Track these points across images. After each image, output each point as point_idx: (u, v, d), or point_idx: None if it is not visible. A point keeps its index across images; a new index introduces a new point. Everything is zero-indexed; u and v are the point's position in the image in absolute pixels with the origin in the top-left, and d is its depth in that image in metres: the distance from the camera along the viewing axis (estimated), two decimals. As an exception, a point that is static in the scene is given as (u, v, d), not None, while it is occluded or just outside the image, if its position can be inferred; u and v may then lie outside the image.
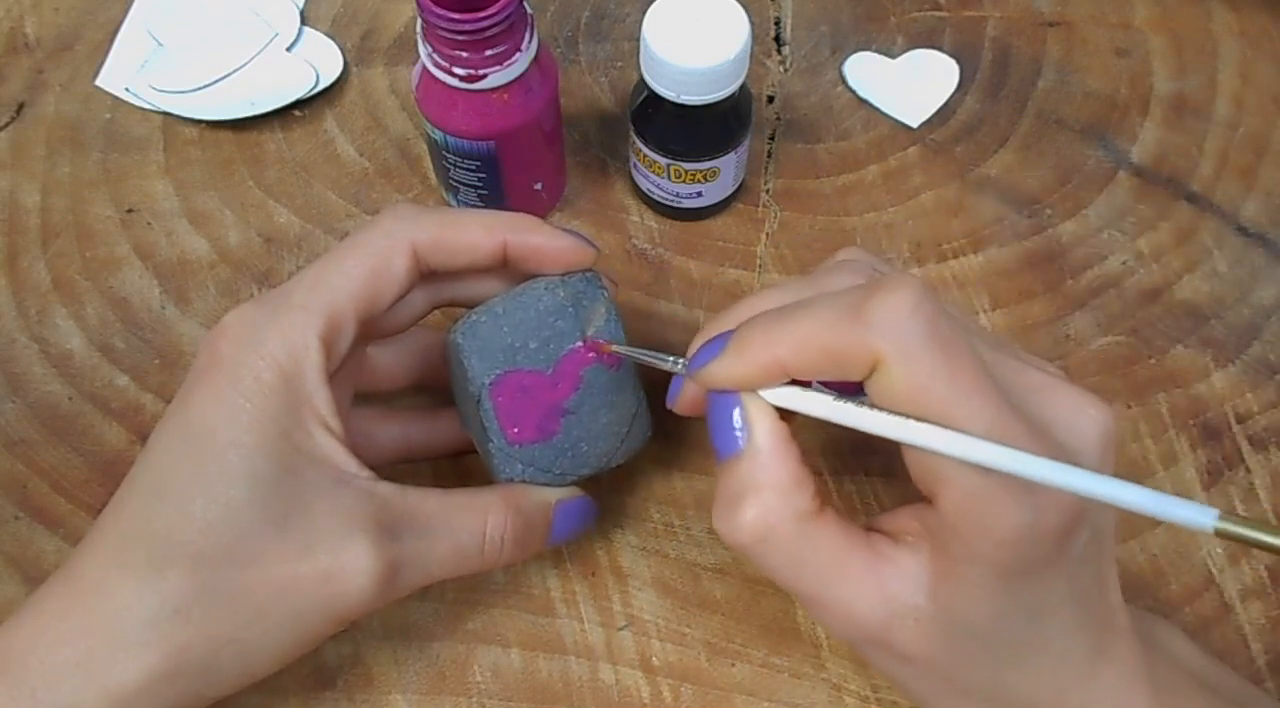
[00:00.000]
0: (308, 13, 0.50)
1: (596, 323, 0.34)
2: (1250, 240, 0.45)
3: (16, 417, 0.42)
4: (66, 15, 0.51)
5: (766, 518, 0.28)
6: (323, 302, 0.31)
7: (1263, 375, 0.42)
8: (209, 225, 0.45)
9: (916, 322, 0.25)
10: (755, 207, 0.46)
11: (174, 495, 0.30)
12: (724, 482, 0.29)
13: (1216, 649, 0.38)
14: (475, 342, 0.34)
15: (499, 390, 0.34)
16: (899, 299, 0.25)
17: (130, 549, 0.30)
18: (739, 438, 0.28)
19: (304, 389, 0.31)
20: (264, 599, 0.29)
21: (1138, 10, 0.50)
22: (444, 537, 0.32)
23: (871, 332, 0.25)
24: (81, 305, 0.44)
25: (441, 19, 0.36)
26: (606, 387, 0.34)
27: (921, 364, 0.25)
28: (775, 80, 0.49)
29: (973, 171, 0.47)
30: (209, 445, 0.30)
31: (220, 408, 0.30)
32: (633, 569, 0.39)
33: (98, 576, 0.30)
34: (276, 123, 0.48)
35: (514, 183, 0.42)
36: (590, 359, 0.34)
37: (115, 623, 0.29)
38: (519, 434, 0.34)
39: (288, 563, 0.29)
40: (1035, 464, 0.24)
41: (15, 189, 0.46)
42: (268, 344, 0.30)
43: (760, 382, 0.28)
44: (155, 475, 0.30)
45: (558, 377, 0.34)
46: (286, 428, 0.30)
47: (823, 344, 0.26)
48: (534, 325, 0.34)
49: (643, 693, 0.37)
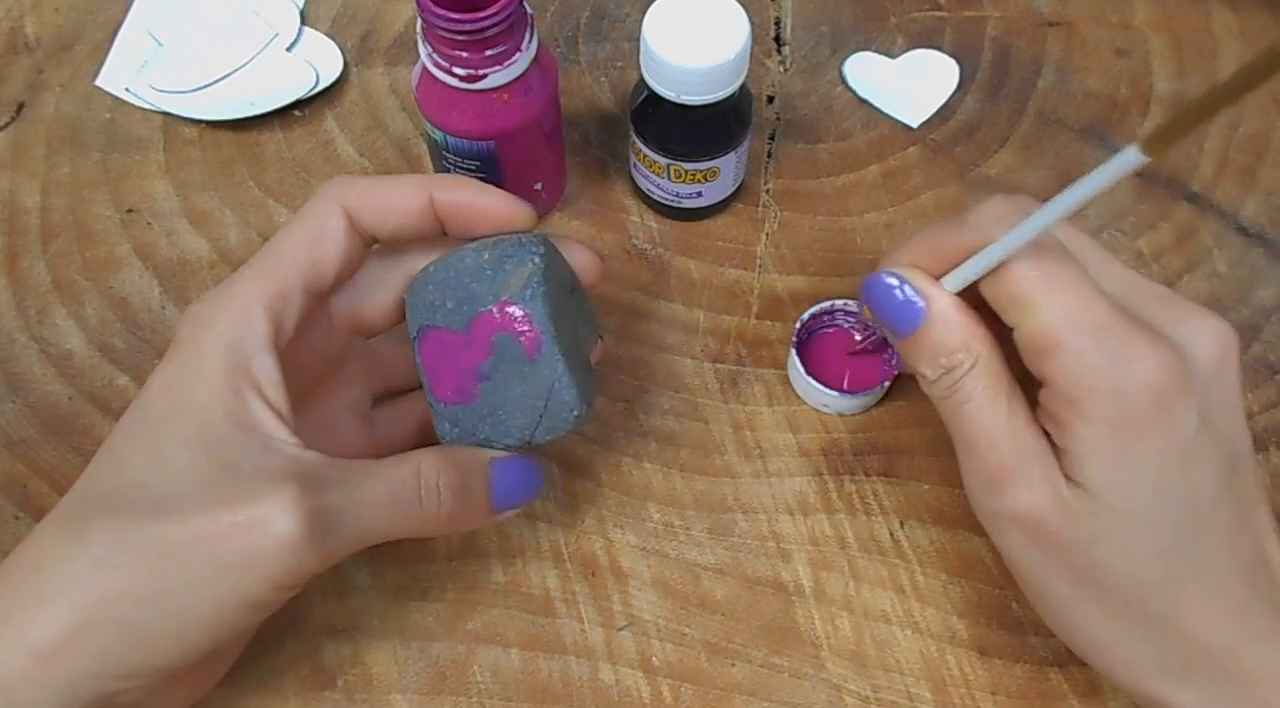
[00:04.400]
0: (308, 13, 0.50)
1: (514, 288, 0.33)
2: (1250, 240, 0.45)
3: (16, 417, 0.42)
4: (66, 15, 0.51)
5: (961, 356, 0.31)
6: (267, 274, 0.32)
7: (1263, 375, 0.42)
8: (209, 225, 0.45)
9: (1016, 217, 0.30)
10: (755, 207, 0.46)
11: (117, 459, 0.31)
12: (922, 346, 0.32)
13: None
14: (411, 297, 0.34)
15: (424, 346, 0.34)
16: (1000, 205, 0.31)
17: (69, 511, 0.31)
18: (919, 304, 0.32)
19: (244, 357, 0.31)
20: (186, 552, 0.29)
21: (1138, 10, 0.50)
22: (375, 486, 0.31)
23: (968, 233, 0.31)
24: (81, 305, 0.44)
25: (441, 19, 0.36)
26: (518, 357, 0.33)
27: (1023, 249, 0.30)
28: (775, 80, 0.49)
29: (973, 172, 0.47)
30: (152, 416, 0.31)
31: (168, 383, 0.31)
32: (633, 569, 0.39)
33: (35, 539, 0.30)
34: (276, 123, 0.48)
35: (514, 183, 0.42)
36: (502, 325, 0.33)
37: (37, 576, 0.29)
38: (442, 392, 0.34)
39: (210, 514, 0.29)
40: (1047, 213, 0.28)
41: (15, 189, 0.46)
42: (215, 319, 0.32)
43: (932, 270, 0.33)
44: (109, 451, 0.32)
45: (471, 339, 0.33)
46: (221, 395, 0.31)
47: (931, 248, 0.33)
48: (452, 285, 0.33)
49: (643, 693, 0.37)
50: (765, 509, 0.40)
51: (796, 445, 0.41)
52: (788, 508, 0.40)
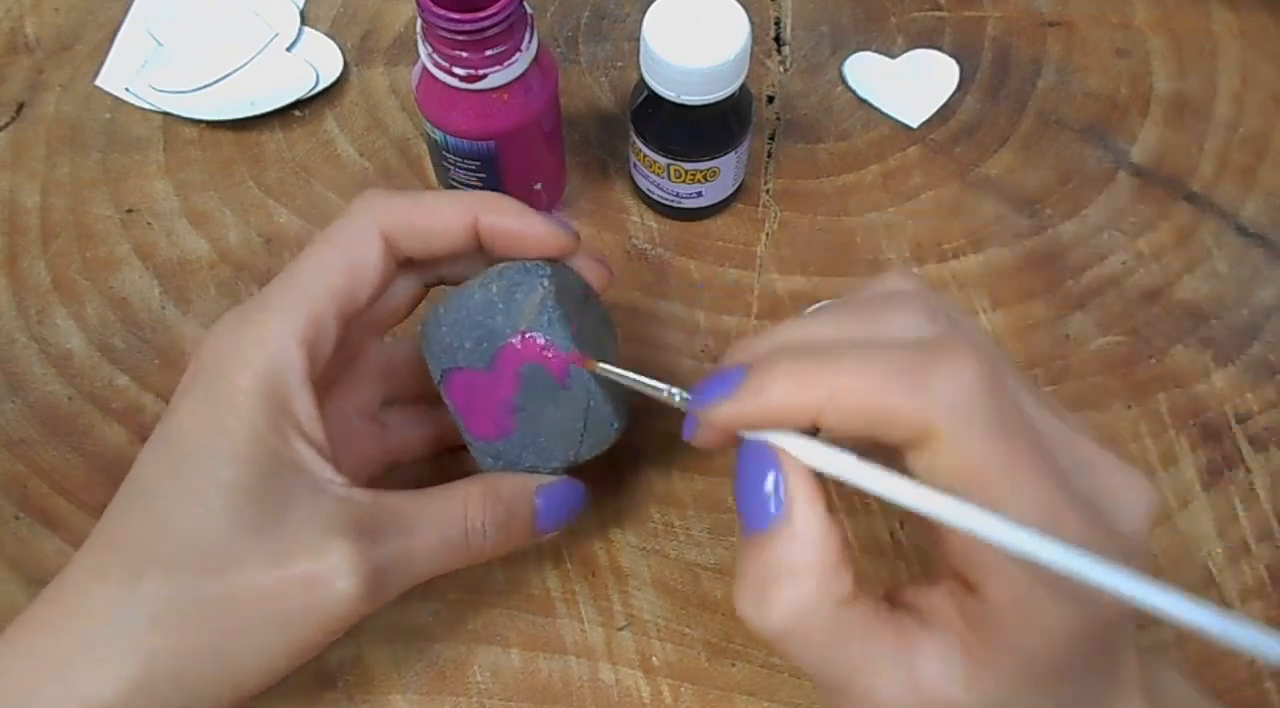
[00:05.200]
0: (308, 13, 0.50)
1: (529, 317, 0.32)
2: (1250, 240, 0.45)
3: (16, 417, 0.42)
4: (66, 15, 0.51)
5: (802, 607, 0.25)
6: (300, 304, 0.31)
7: (1263, 375, 0.42)
8: (209, 225, 0.45)
9: (981, 399, 0.23)
10: (755, 207, 0.46)
11: (153, 504, 0.30)
12: (753, 559, 0.26)
13: (1216, 649, 0.38)
14: (426, 341, 0.34)
15: (451, 389, 0.34)
16: (964, 371, 0.23)
17: (108, 558, 0.29)
18: (774, 510, 0.25)
19: (283, 395, 0.30)
20: (244, 607, 0.29)
21: (1138, 10, 0.50)
22: (426, 531, 0.31)
23: (930, 402, 0.23)
24: (81, 305, 0.44)
25: (441, 19, 0.36)
26: (548, 384, 0.33)
27: (979, 446, 0.23)
28: (775, 80, 0.49)
29: (973, 172, 0.47)
30: (187, 454, 0.29)
31: (200, 417, 0.30)
32: (633, 569, 0.39)
33: (77, 584, 0.29)
34: (276, 123, 0.48)
35: (514, 183, 0.42)
36: (526, 356, 0.33)
37: (91, 632, 0.28)
38: (480, 430, 0.34)
39: (267, 569, 0.29)
40: (1099, 570, 0.22)
41: (15, 189, 0.46)
42: (247, 352, 0.30)
43: (776, 426, 0.25)
44: (138, 486, 0.30)
45: (498, 375, 0.33)
46: (263, 435, 0.30)
47: (868, 402, 0.24)
48: (467, 324, 0.33)
49: (643, 693, 0.37)
50: (765, 509, 0.40)
51: (796, 445, 0.41)
52: (788, 508, 0.40)
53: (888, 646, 0.25)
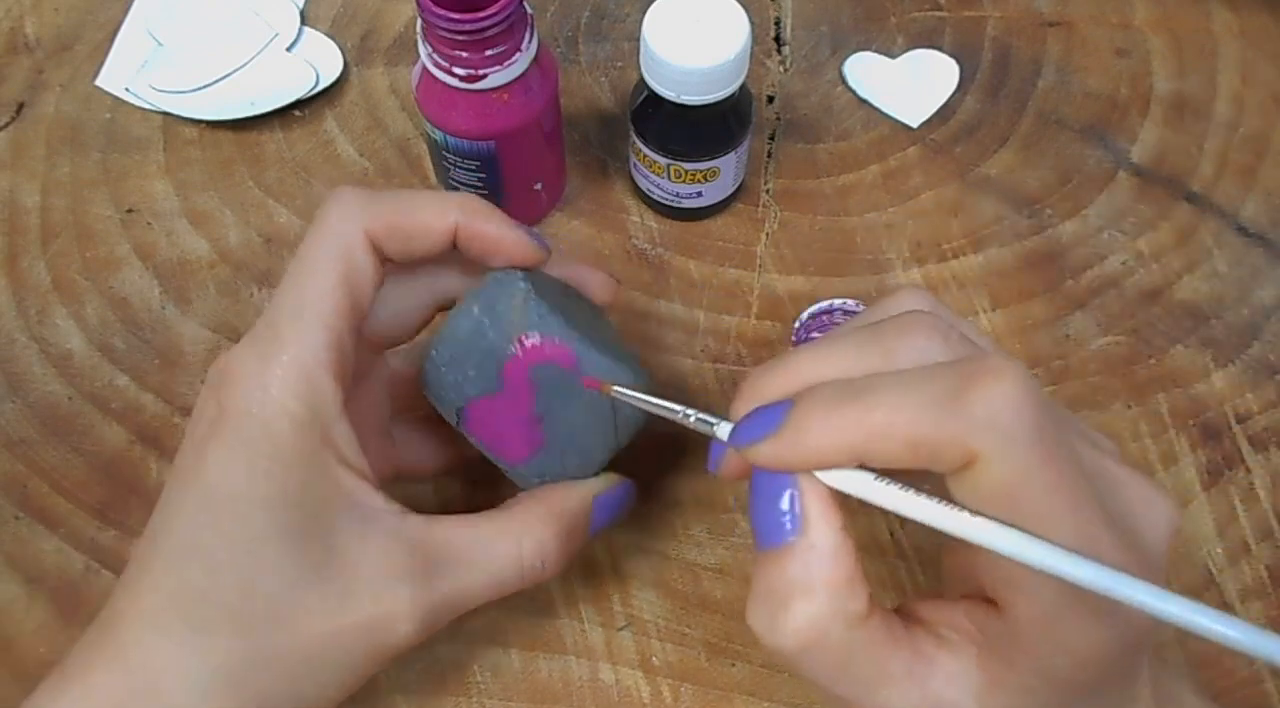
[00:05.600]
0: (308, 13, 0.50)
1: (519, 322, 0.32)
2: (1250, 240, 0.45)
3: (16, 417, 0.42)
4: (66, 15, 0.51)
5: (817, 624, 0.25)
6: (317, 330, 0.30)
7: (1263, 375, 0.42)
8: (209, 225, 0.45)
9: (1023, 419, 0.23)
10: (755, 207, 0.46)
11: (204, 560, 0.29)
12: (767, 574, 0.25)
13: (1216, 649, 0.37)
14: (431, 388, 0.33)
15: (471, 423, 0.33)
16: (1005, 391, 0.23)
17: (168, 615, 0.29)
18: (790, 526, 0.25)
19: (320, 429, 0.30)
20: (312, 656, 0.29)
21: (1138, 10, 0.50)
22: (480, 570, 0.31)
23: (970, 427, 0.23)
24: (81, 305, 0.44)
25: (441, 19, 0.36)
26: (561, 378, 0.33)
27: (1022, 466, 0.23)
28: (775, 80, 0.49)
29: (973, 171, 0.47)
30: (232, 507, 0.29)
31: (238, 466, 0.29)
32: (633, 569, 0.39)
33: (138, 642, 0.28)
34: (276, 123, 0.48)
35: (514, 183, 0.42)
36: (531, 359, 0.32)
37: (162, 692, 0.28)
38: (514, 454, 0.33)
39: (331, 617, 0.29)
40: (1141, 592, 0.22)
41: (15, 189, 0.46)
42: (273, 390, 0.29)
43: (821, 466, 0.25)
44: (180, 540, 0.29)
45: (511, 391, 0.33)
46: (308, 476, 0.29)
47: (911, 434, 0.23)
48: (462, 355, 0.32)
49: (643, 693, 0.37)
50: (765, 509, 0.40)
51: (796, 445, 0.41)
52: (788, 508, 0.40)
53: (901, 663, 0.25)
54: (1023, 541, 0.23)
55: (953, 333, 0.26)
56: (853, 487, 0.25)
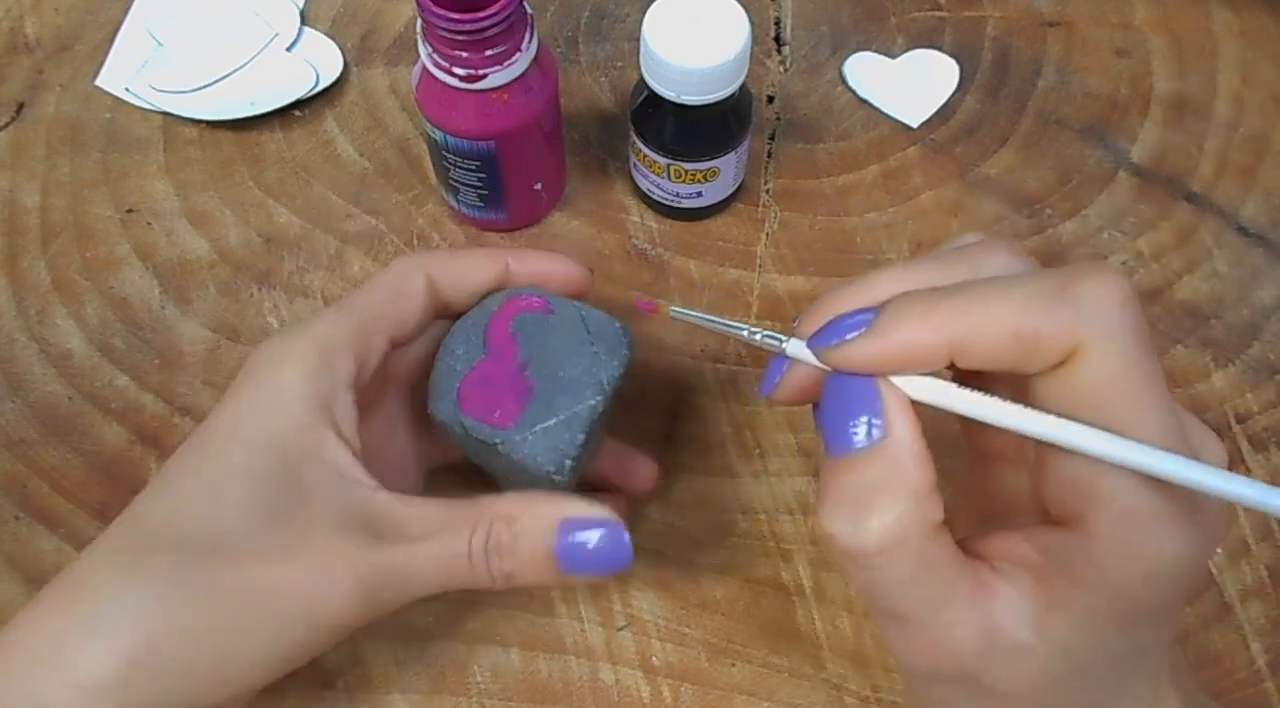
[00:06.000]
0: (308, 13, 0.50)
1: (494, 302, 0.34)
2: (1250, 240, 0.45)
3: (16, 417, 0.42)
4: (66, 15, 0.51)
5: (901, 526, 0.24)
6: (353, 318, 0.32)
7: (1263, 375, 0.42)
8: (209, 225, 0.45)
9: (1128, 314, 0.23)
10: (755, 207, 0.46)
11: (172, 490, 0.30)
12: (848, 477, 0.25)
13: (1216, 649, 0.38)
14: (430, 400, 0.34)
15: (467, 406, 0.33)
16: (1111, 286, 0.23)
17: (120, 541, 0.30)
18: (871, 431, 0.25)
19: (325, 394, 0.31)
20: (246, 600, 0.29)
21: (1138, 10, 0.50)
22: (428, 548, 0.30)
23: (1081, 316, 0.23)
24: (81, 305, 0.44)
25: (441, 19, 0.36)
26: (539, 322, 0.34)
27: (1123, 361, 0.23)
28: (775, 80, 0.49)
29: (973, 171, 0.47)
30: (218, 442, 0.30)
31: (239, 407, 0.31)
32: (633, 569, 0.39)
33: (84, 567, 0.29)
34: (276, 123, 0.48)
35: (514, 183, 0.42)
36: (511, 313, 0.34)
37: (91, 611, 0.28)
38: (508, 416, 0.33)
39: (270, 563, 0.29)
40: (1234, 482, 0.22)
41: (15, 189, 0.46)
42: (296, 353, 0.31)
43: (915, 366, 0.25)
44: (162, 475, 0.31)
45: (496, 351, 0.34)
46: (298, 427, 0.30)
47: (1016, 326, 0.24)
48: (453, 341, 0.34)
49: (643, 693, 0.37)
50: (765, 509, 0.40)
51: (796, 445, 0.41)
52: (788, 508, 0.40)
53: (966, 586, 0.25)
54: (1113, 441, 0.23)
55: (1030, 259, 0.27)
56: (936, 395, 0.25)
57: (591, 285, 0.37)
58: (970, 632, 0.25)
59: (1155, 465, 0.23)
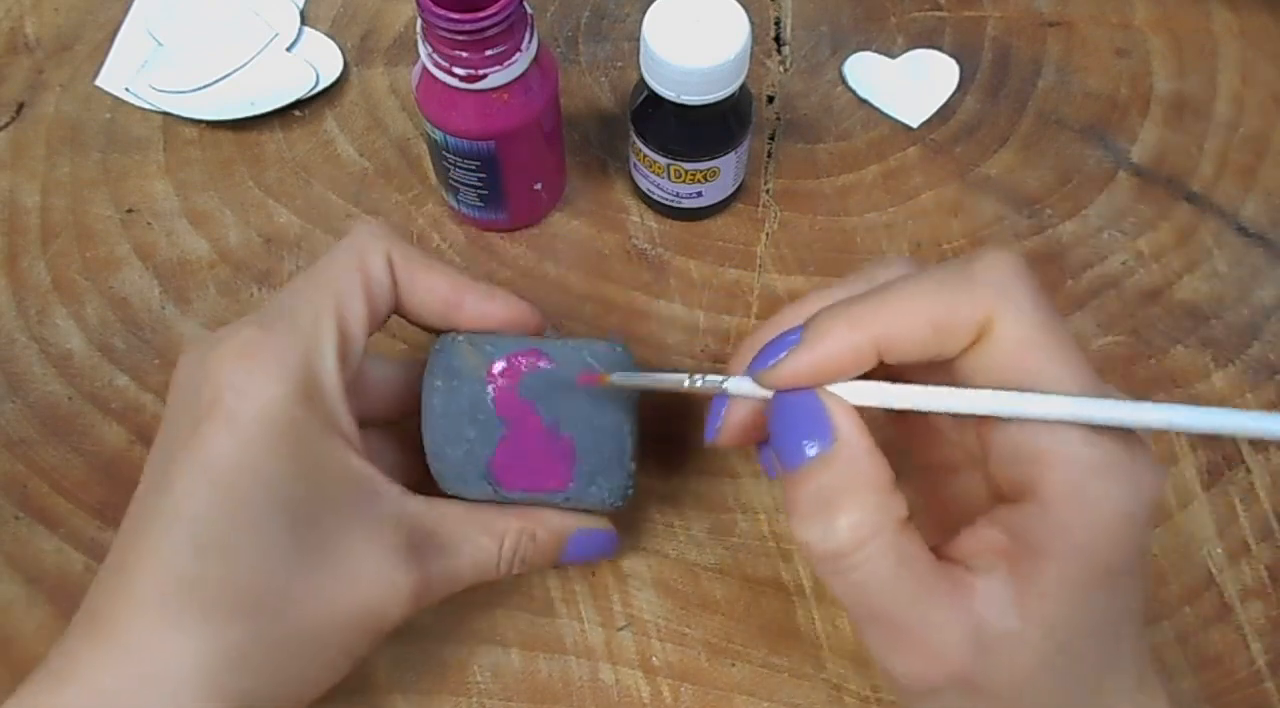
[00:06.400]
0: (308, 13, 0.50)
1: (479, 363, 0.33)
2: (1250, 240, 0.45)
3: (16, 417, 0.42)
4: (66, 15, 0.51)
5: (871, 520, 0.25)
6: (328, 313, 0.30)
7: (1263, 375, 0.42)
8: (209, 225, 0.45)
9: (1027, 282, 0.25)
10: (755, 207, 0.46)
11: (214, 545, 0.28)
12: (808, 486, 0.26)
13: (1216, 649, 0.38)
14: (451, 482, 0.34)
15: (508, 484, 0.34)
16: (1006, 261, 0.25)
17: (177, 604, 0.28)
18: (823, 439, 0.26)
19: (326, 410, 0.30)
20: (313, 638, 0.29)
21: (1138, 10, 0.50)
22: (465, 555, 0.33)
23: (985, 291, 0.25)
24: (81, 305, 0.44)
25: (441, 19, 0.36)
26: (545, 376, 0.33)
27: (1034, 321, 0.25)
28: (775, 80, 0.49)
29: (973, 171, 0.47)
30: (241, 489, 0.28)
31: (244, 447, 0.28)
32: (633, 569, 0.39)
33: (139, 630, 0.28)
34: (276, 123, 0.48)
35: (514, 183, 0.42)
36: (512, 381, 0.33)
37: (166, 679, 0.28)
38: (558, 479, 0.34)
39: (332, 600, 0.29)
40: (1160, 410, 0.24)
41: (15, 189, 0.46)
42: (284, 368, 0.29)
43: (846, 371, 0.26)
44: (188, 524, 0.28)
45: (516, 421, 0.33)
46: (315, 457, 0.29)
47: (930, 313, 0.25)
48: (453, 425, 0.33)
49: (643, 693, 0.37)
50: (765, 509, 0.40)
51: (796, 445, 0.41)
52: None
53: (946, 587, 0.25)
54: (1043, 398, 0.24)
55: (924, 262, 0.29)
56: (874, 397, 0.26)
57: (545, 327, 0.35)
58: (958, 633, 0.25)
59: (1085, 412, 0.24)
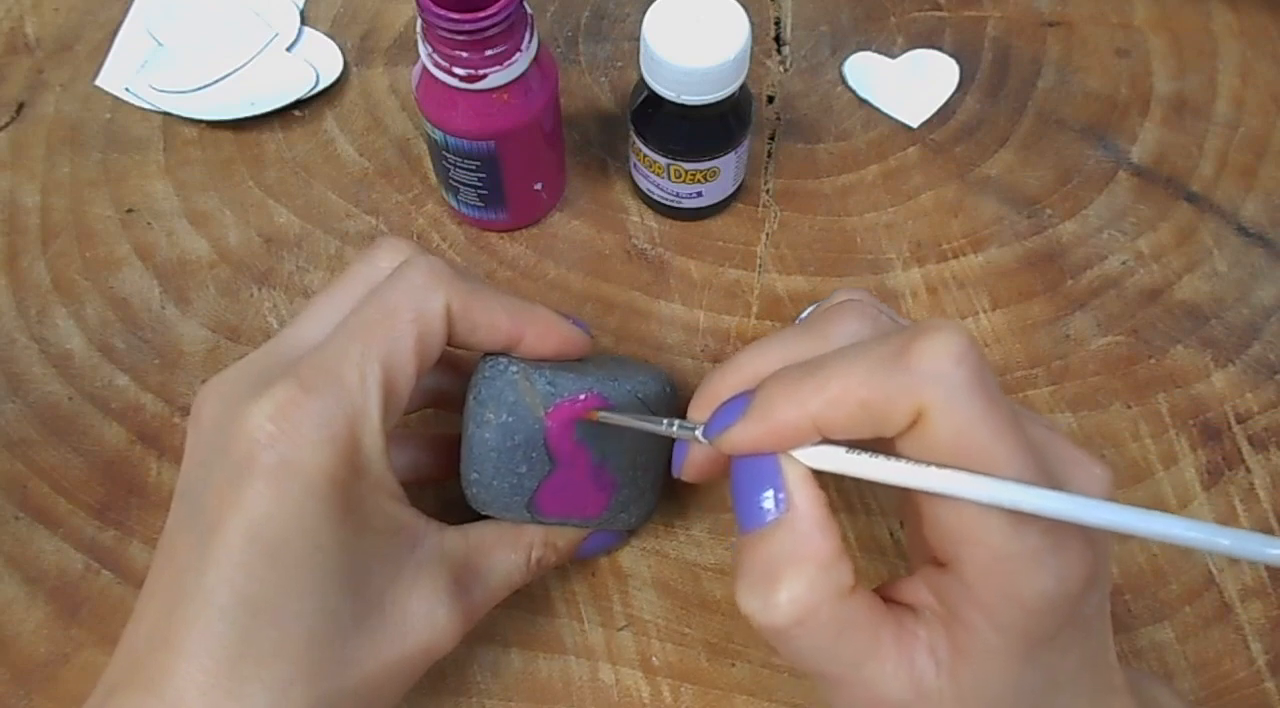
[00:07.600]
0: (308, 13, 0.50)
1: (536, 403, 0.32)
2: (1250, 240, 0.45)
3: (16, 417, 0.42)
4: (66, 15, 0.51)
5: (810, 596, 0.25)
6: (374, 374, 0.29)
7: (1263, 375, 0.42)
8: (209, 225, 0.45)
9: (963, 369, 0.24)
10: (755, 207, 0.46)
11: (268, 613, 0.28)
12: (754, 554, 0.26)
13: (1216, 649, 0.38)
14: (487, 505, 0.34)
15: (546, 510, 0.34)
16: (944, 345, 0.24)
17: (235, 675, 0.27)
18: (776, 506, 0.26)
19: (370, 470, 0.30)
20: (376, 687, 0.30)
21: (1138, 10, 0.50)
22: (500, 575, 0.34)
23: (918, 380, 0.24)
24: (81, 305, 0.44)
25: (441, 19, 0.36)
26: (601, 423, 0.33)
27: (967, 415, 0.24)
28: (775, 80, 0.49)
29: (973, 172, 0.47)
30: (291, 555, 0.28)
31: (293, 513, 0.28)
32: (633, 569, 0.39)
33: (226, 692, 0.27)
34: (276, 123, 0.48)
35: (514, 183, 0.42)
36: (567, 424, 0.33)
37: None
38: (594, 508, 0.35)
39: (391, 651, 0.30)
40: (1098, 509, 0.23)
41: (15, 189, 0.46)
42: (329, 432, 0.28)
43: (790, 444, 0.26)
44: (239, 592, 0.28)
45: (566, 460, 0.33)
46: (361, 516, 0.29)
47: (862, 398, 0.24)
48: (506, 460, 0.33)
49: (643, 693, 0.37)
50: (765, 509, 0.40)
51: (796, 445, 0.41)
52: (788, 508, 0.40)
53: (888, 637, 0.26)
54: (967, 479, 0.24)
55: (880, 315, 0.28)
56: (826, 462, 0.26)
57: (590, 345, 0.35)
58: (899, 683, 0.25)
59: (1010, 497, 0.23)
